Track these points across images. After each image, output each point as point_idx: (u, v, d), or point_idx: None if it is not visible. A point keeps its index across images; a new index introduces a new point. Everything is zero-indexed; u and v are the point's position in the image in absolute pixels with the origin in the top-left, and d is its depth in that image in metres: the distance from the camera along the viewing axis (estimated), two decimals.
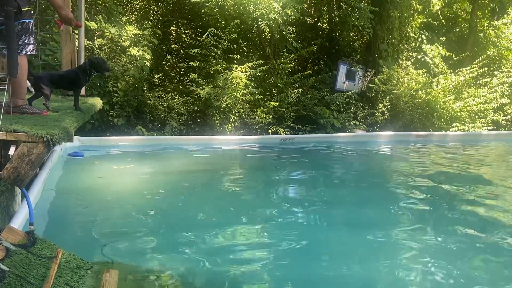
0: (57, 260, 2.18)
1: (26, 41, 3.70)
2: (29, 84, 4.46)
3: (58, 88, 5.16)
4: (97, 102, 5.95)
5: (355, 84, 11.28)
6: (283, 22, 9.29)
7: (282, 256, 3.21)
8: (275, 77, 9.90)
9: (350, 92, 10.64)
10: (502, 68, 11.76)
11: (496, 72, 11.56)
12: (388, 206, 4.50)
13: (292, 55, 10.36)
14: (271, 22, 9.03)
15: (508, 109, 11.01)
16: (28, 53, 3.77)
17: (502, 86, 10.82)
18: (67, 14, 3.90)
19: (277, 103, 9.44)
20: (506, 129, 10.82)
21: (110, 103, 7.97)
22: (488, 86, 11.03)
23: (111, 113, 8.01)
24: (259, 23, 9.16)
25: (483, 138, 9.71)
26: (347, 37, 12.53)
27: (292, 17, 9.59)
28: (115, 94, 8.01)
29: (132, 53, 8.44)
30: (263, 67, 9.39)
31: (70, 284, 2.03)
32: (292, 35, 9.80)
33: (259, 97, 9.17)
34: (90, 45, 8.11)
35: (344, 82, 11.14)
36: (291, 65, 10.29)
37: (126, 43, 8.49)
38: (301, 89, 10.04)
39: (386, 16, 11.16)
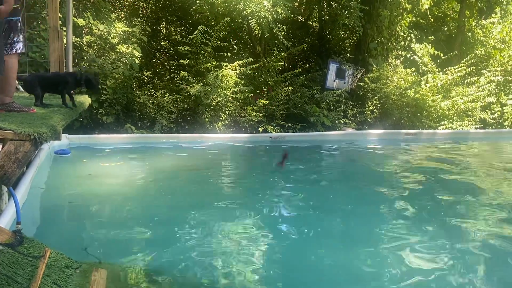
0: (45, 259, 2.16)
1: (15, 39, 3.65)
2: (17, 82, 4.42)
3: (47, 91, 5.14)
4: (86, 99, 5.91)
5: (345, 83, 11.33)
6: (273, 20, 9.28)
7: (274, 253, 3.22)
8: (265, 75, 9.90)
9: (340, 91, 10.68)
10: (490, 67, 11.89)
11: (483, 71, 11.68)
12: (377, 203, 4.52)
13: (282, 53, 10.36)
14: (261, 20, 9.02)
15: (495, 107, 11.14)
16: (19, 51, 3.73)
17: (489, 85, 10.95)
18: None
19: (267, 101, 9.44)
20: (493, 127, 10.96)
21: (99, 100, 7.90)
22: (476, 85, 11.14)
23: (100, 111, 7.94)
24: (249, 21, 9.14)
25: (471, 136, 9.82)
26: (337, 36, 12.58)
27: (282, 15, 9.59)
28: (104, 92, 7.94)
29: (121, 50, 8.37)
30: (253, 65, 9.38)
31: (58, 284, 2.02)
32: (282, 33, 9.79)
33: (250, 95, 9.15)
34: (78, 42, 8.02)
35: (334, 81, 11.18)
36: (281, 63, 10.29)
37: (115, 40, 8.42)
38: (291, 87, 10.05)
39: (375, 15, 11.22)
